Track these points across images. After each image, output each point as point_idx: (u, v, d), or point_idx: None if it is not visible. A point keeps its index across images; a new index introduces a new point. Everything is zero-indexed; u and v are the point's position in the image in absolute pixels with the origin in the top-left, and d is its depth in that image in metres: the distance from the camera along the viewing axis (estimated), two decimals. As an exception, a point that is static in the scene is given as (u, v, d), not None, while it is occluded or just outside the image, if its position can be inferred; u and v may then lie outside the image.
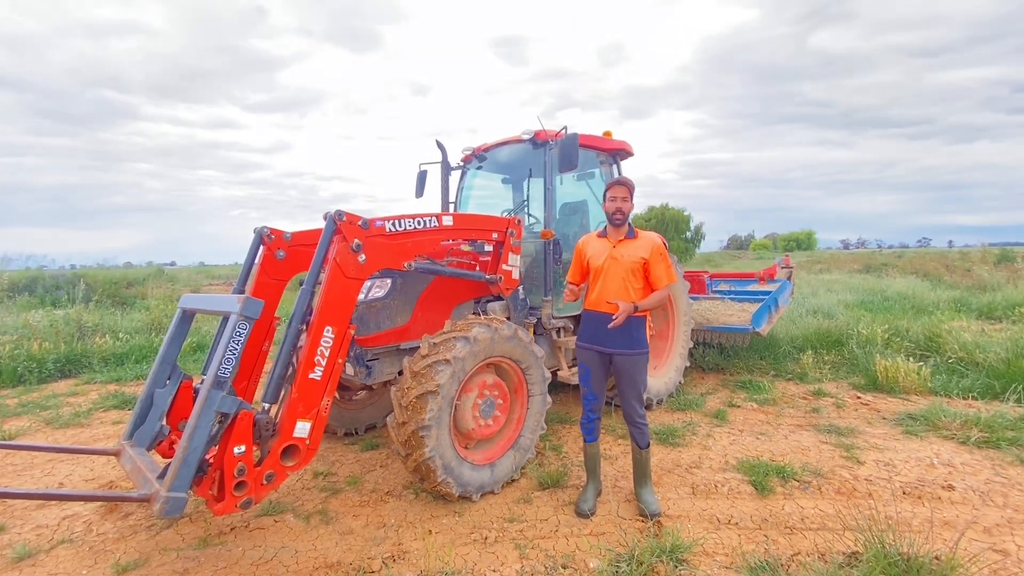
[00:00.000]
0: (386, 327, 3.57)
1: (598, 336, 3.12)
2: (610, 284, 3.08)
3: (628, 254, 3.05)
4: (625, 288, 3.04)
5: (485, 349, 3.27)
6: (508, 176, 5.60)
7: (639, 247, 3.05)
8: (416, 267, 3.31)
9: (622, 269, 3.04)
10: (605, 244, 3.16)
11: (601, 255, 3.14)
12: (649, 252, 3.01)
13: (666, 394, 5.19)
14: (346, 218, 2.92)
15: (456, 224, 3.59)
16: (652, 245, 3.03)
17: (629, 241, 3.11)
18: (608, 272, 3.10)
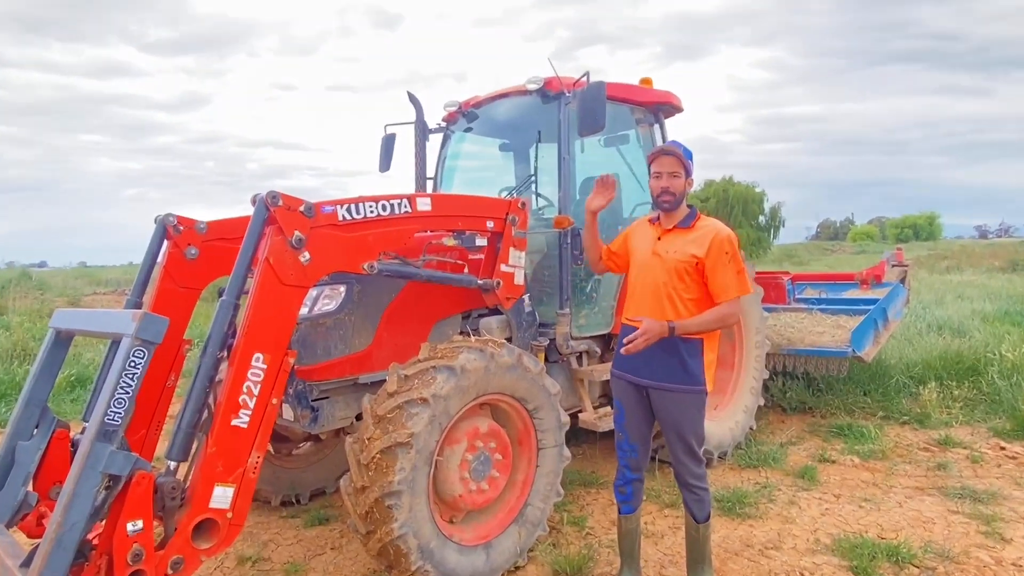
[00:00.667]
0: (338, 353, 3.59)
1: (634, 361, 3.13)
2: (645, 290, 3.11)
3: (676, 249, 3.05)
4: (665, 297, 3.04)
5: (477, 383, 3.28)
6: (508, 141, 5.66)
7: (693, 240, 3.03)
8: (381, 269, 3.33)
9: (664, 271, 3.04)
10: (652, 234, 3.19)
11: (644, 248, 3.16)
12: (706, 248, 2.98)
13: (732, 445, 5.21)
14: (283, 202, 2.93)
15: (436, 209, 3.62)
16: (713, 238, 3.01)
17: (681, 232, 3.11)
18: (646, 273, 3.12)
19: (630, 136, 5.28)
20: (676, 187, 3.06)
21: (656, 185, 3.09)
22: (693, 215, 3.14)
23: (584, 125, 3.91)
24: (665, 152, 3.09)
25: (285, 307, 2.95)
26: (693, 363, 3.06)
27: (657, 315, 3.05)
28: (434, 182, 5.40)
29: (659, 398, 3.09)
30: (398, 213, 3.44)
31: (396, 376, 3.19)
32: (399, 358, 3.73)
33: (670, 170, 3.07)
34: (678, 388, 3.04)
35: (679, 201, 3.10)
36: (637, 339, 2.88)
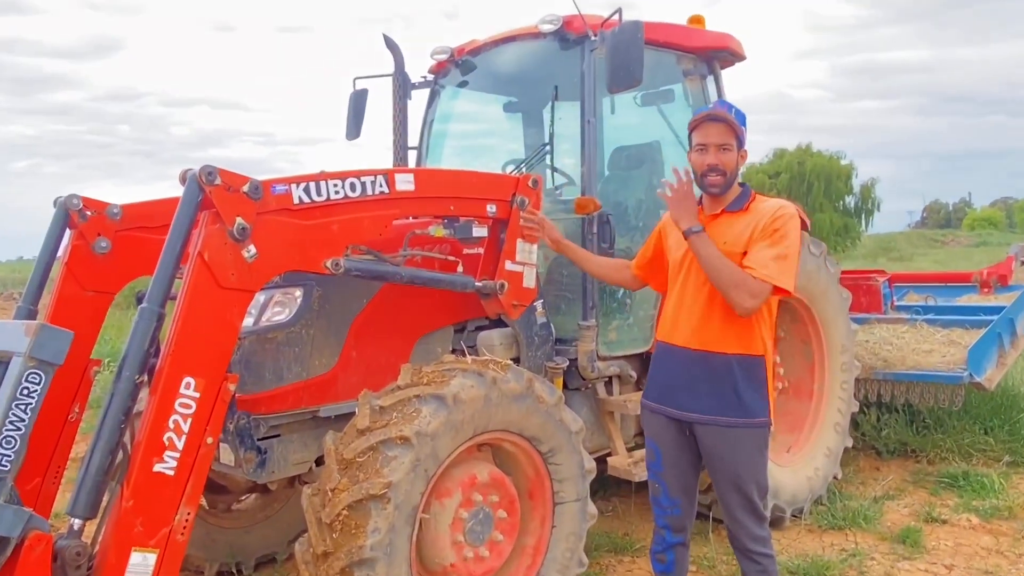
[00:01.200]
0: (293, 377, 3.61)
1: (672, 389, 3.16)
2: (690, 303, 3.13)
3: (728, 239, 3.07)
4: (707, 303, 3.08)
5: (475, 418, 3.30)
6: (514, 100, 5.68)
7: (751, 226, 3.06)
8: (349, 268, 3.35)
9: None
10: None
11: (682, 243, 3.17)
12: (757, 227, 3.03)
13: (809, 499, 5.22)
14: (221, 180, 2.95)
15: (422, 188, 3.64)
16: (769, 215, 3.04)
17: (732, 217, 3.12)
18: (687, 276, 3.15)
19: (675, 92, 5.31)
20: (727, 163, 3.08)
21: (700, 161, 3.11)
22: (747, 194, 3.16)
23: (615, 78, 3.94)
24: (712, 118, 3.09)
25: (224, 317, 2.94)
26: (752, 390, 3.07)
27: (701, 331, 3.09)
28: (418, 153, 5.43)
29: (708, 436, 3.11)
30: (372, 194, 3.45)
31: (369, 408, 3.20)
32: (372, 384, 3.70)
33: (719, 141, 3.07)
34: (734, 422, 3.06)
35: (731, 182, 3.12)
36: (678, 191, 3.06)
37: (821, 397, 5.47)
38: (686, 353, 3.12)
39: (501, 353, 4.11)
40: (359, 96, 5.32)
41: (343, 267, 3.33)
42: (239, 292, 3.00)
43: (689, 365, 3.10)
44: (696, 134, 3.13)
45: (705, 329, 3.08)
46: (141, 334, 2.81)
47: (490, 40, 5.04)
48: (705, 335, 3.08)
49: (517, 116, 5.75)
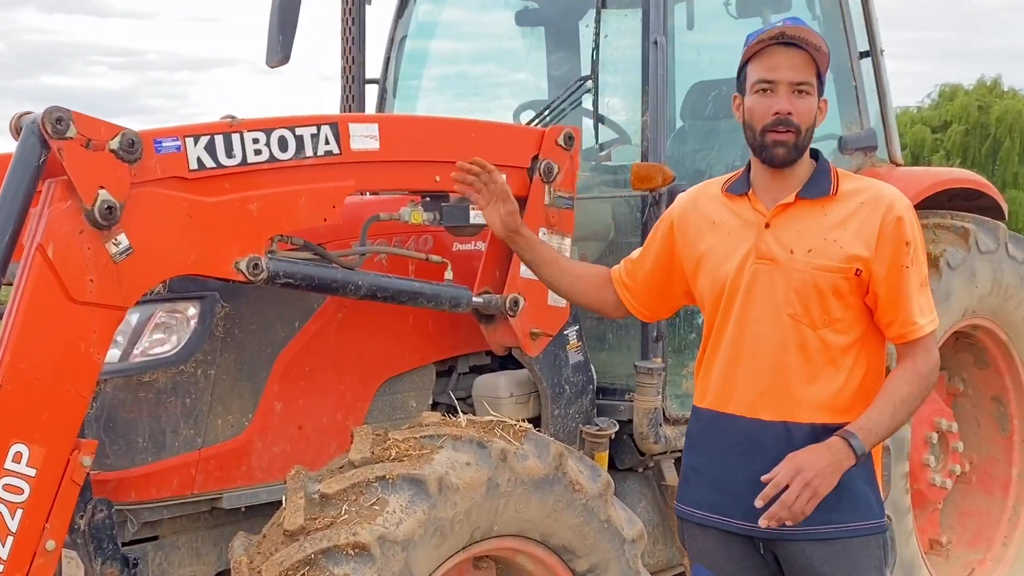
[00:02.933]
0: (181, 445, 3.63)
1: (732, 486, 3.14)
2: (753, 347, 3.15)
3: (814, 245, 3.09)
4: (803, 357, 3.08)
5: (472, 515, 3.32)
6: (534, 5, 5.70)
7: (845, 222, 3.11)
8: (275, 271, 3.38)
9: (796, 293, 3.10)
10: (744, 219, 3.22)
11: (732, 253, 3.20)
12: (875, 239, 3.06)
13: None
14: (77, 130, 2.97)
15: (390, 146, 3.67)
16: (884, 216, 3.07)
17: (813, 207, 3.15)
18: (751, 306, 3.16)
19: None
20: (804, 114, 3.06)
21: (763, 107, 3.07)
22: (827, 170, 3.19)
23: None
24: (788, 40, 3.07)
25: (76, 349, 2.96)
26: (861, 478, 3.09)
27: (780, 391, 3.09)
28: (381, 89, 5.47)
29: (800, 557, 3.11)
30: (312, 156, 3.48)
31: (304, 496, 3.21)
32: (307, 457, 3.73)
33: (795, 78, 3.05)
34: (840, 530, 3.07)
35: (805, 145, 3.12)
36: (796, 495, 2.83)
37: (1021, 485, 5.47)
38: (753, 426, 3.11)
39: (511, 410, 4.11)
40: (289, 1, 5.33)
41: (265, 271, 3.33)
42: (101, 309, 3.01)
43: (758, 446, 3.08)
44: (756, 66, 3.10)
45: (786, 388, 3.08)
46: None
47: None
48: (789, 398, 3.09)
49: (538, 32, 5.77)
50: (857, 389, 3.08)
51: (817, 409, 3.04)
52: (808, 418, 3.03)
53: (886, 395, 3.03)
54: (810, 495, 2.82)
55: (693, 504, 3.25)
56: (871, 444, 2.95)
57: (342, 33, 5.23)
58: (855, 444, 2.89)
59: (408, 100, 5.47)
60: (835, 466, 2.88)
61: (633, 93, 4.68)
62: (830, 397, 3.06)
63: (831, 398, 3.06)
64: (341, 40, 5.24)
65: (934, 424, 5.28)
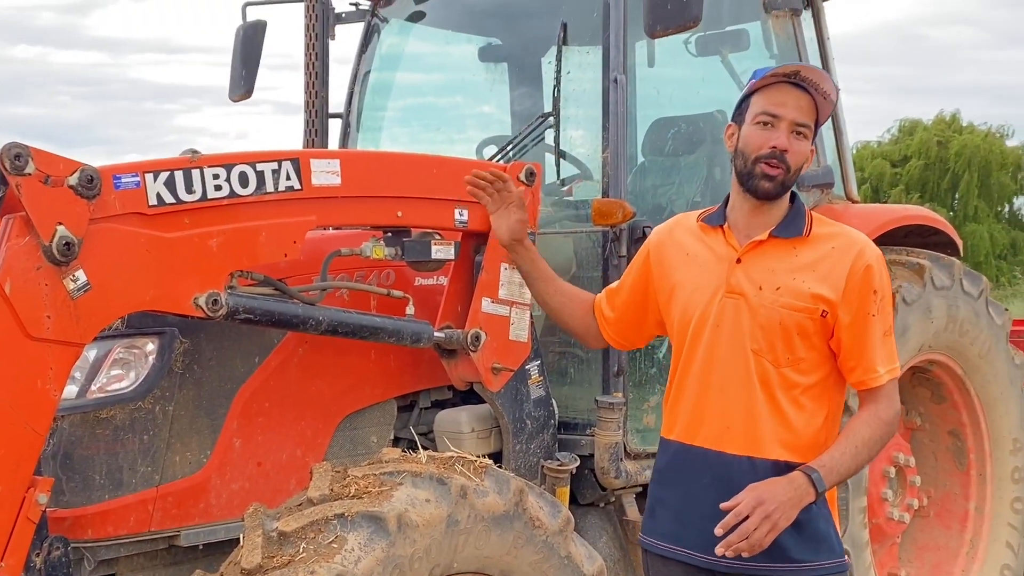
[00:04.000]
0: (139, 483, 3.60)
1: (698, 519, 3.13)
2: (722, 380, 3.17)
3: (783, 284, 3.13)
4: (759, 385, 3.11)
5: (433, 552, 3.30)
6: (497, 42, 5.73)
7: (815, 265, 3.15)
8: (235, 307, 3.37)
9: (755, 328, 3.13)
10: (718, 252, 3.26)
11: (703, 284, 3.24)
12: (842, 284, 3.10)
13: None
14: (35, 166, 2.95)
15: (352, 182, 3.68)
16: (854, 262, 3.11)
17: (785, 247, 3.18)
18: (719, 339, 3.18)
19: (749, 35, 5.41)
20: (797, 155, 3.11)
21: (760, 139, 3.10)
22: (801, 213, 3.23)
23: (659, 14, 4.00)
24: (798, 81, 3.12)
25: (32, 386, 2.93)
26: (817, 514, 3.10)
27: (745, 425, 3.11)
28: (344, 124, 5.47)
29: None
30: (273, 191, 3.47)
31: (262, 533, 3.19)
32: (265, 494, 3.71)
33: (799, 119, 3.10)
34: (803, 569, 3.08)
35: (790, 185, 3.17)
36: (755, 526, 2.84)
37: (981, 524, 5.51)
38: (719, 460, 3.14)
39: (472, 445, 4.10)
40: (252, 31, 5.33)
41: (225, 306, 3.32)
42: (58, 346, 2.99)
43: (724, 480, 3.09)
44: (762, 98, 3.14)
45: (751, 422, 3.11)
46: None
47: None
48: (753, 432, 3.11)
49: (501, 67, 5.78)
50: (819, 429, 3.11)
51: (781, 446, 3.07)
52: (772, 454, 3.06)
53: (848, 436, 3.06)
54: (769, 527, 2.83)
55: (657, 536, 3.26)
56: (832, 482, 2.99)
57: (306, 68, 5.24)
58: (816, 480, 2.92)
59: (372, 134, 5.48)
60: (795, 500, 2.89)
61: (594, 128, 4.70)
62: (793, 435, 3.08)
63: (794, 436, 3.08)
64: (305, 75, 5.25)
65: (892, 458, 5.30)
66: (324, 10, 5.24)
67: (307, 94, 5.28)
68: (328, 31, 5.29)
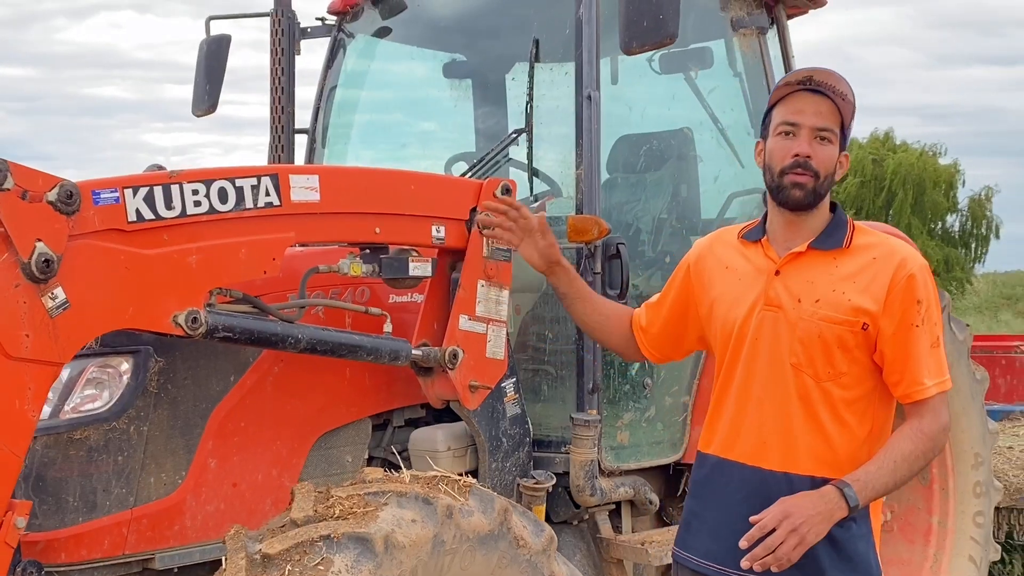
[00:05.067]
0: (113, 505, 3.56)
1: (733, 534, 3.05)
2: (760, 394, 3.15)
3: (822, 296, 3.10)
4: (797, 400, 3.09)
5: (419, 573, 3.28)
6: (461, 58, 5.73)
7: (853, 277, 3.11)
8: (214, 325, 3.35)
9: (795, 342, 3.12)
10: (757, 265, 3.25)
11: (742, 297, 3.22)
12: (883, 295, 3.06)
13: None
14: (13, 182, 2.93)
15: (331, 198, 3.68)
16: (895, 273, 3.07)
17: (825, 259, 3.16)
18: (758, 352, 3.17)
19: (712, 53, 5.44)
20: (824, 161, 3.08)
21: (783, 149, 3.09)
22: (843, 224, 3.20)
23: (636, 31, 4.00)
24: (815, 87, 3.09)
25: (11, 407, 2.91)
26: (857, 535, 3.08)
27: (782, 440, 3.09)
28: (310, 139, 5.44)
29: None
30: (253, 207, 3.46)
31: (245, 556, 3.14)
32: (241, 514, 3.68)
33: (819, 124, 3.07)
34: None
35: (821, 192, 3.13)
36: (781, 540, 2.80)
37: (944, 538, 5.54)
38: (757, 476, 3.12)
39: (448, 463, 4.08)
40: (216, 45, 5.31)
41: (204, 324, 3.30)
42: (37, 365, 2.97)
43: (760, 496, 3.04)
44: (782, 109, 3.12)
45: (788, 438, 3.08)
46: None
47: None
48: (790, 447, 3.09)
49: (465, 84, 5.78)
50: (861, 445, 3.06)
51: (818, 462, 3.03)
52: (809, 470, 3.02)
53: (888, 450, 3.00)
54: (797, 541, 2.78)
55: (691, 550, 3.24)
56: (866, 498, 2.91)
57: (271, 83, 5.22)
58: (848, 494, 2.85)
59: (338, 148, 5.48)
60: (825, 515, 2.84)
61: (563, 145, 4.72)
62: (832, 451, 3.05)
63: (832, 452, 3.04)
64: (271, 90, 5.23)
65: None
66: (290, 25, 5.23)
67: (273, 110, 5.27)
68: (294, 46, 5.28)
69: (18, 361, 2.92)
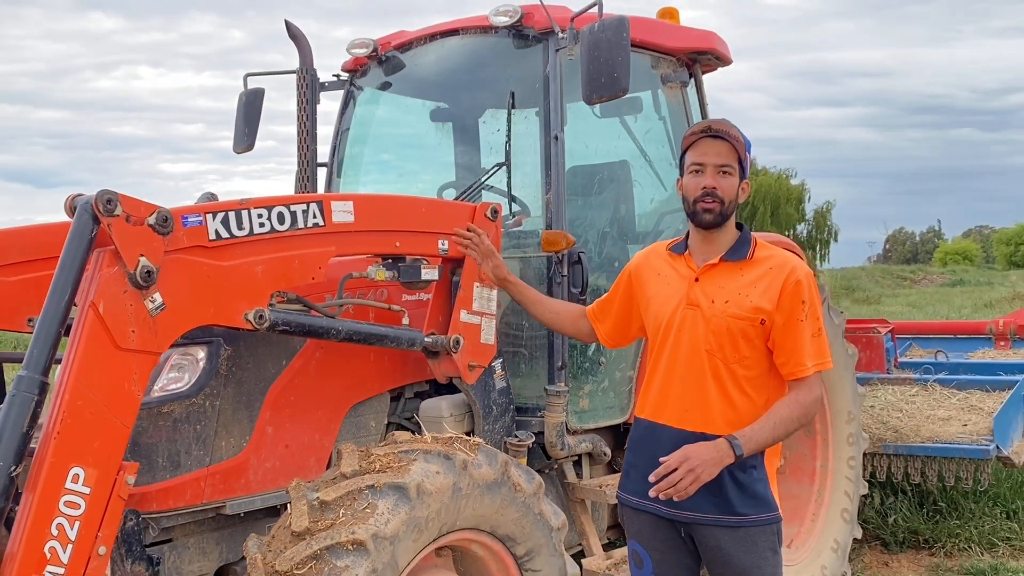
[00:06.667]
0: (193, 464, 3.54)
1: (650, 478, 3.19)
2: (683, 373, 3.22)
3: (730, 298, 3.19)
4: (711, 377, 3.18)
5: (441, 514, 3.29)
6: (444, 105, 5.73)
7: (755, 283, 3.20)
8: (275, 321, 3.35)
9: (709, 333, 3.18)
10: (681, 273, 3.32)
11: (668, 297, 3.30)
12: (776, 297, 3.15)
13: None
14: (122, 209, 2.91)
15: (362, 219, 3.67)
16: (786, 281, 3.18)
17: (734, 269, 3.25)
18: (681, 341, 3.24)
19: (644, 101, 5.45)
20: (726, 189, 3.19)
21: (694, 184, 3.21)
22: (748, 241, 3.31)
23: (595, 85, 4.03)
24: (714, 133, 3.21)
25: (122, 388, 2.91)
26: (760, 480, 3.19)
27: (699, 408, 3.18)
28: (329, 171, 5.43)
29: (714, 539, 3.17)
30: (304, 227, 3.47)
31: (307, 503, 3.13)
32: (291, 470, 3.69)
33: (720, 162, 3.19)
34: (744, 519, 3.15)
35: (727, 214, 3.23)
36: (680, 477, 2.93)
37: (826, 478, 5.63)
38: (680, 435, 3.17)
39: (452, 426, 4.12)
40: (253, 97, 5.29)
41: (268, 320, 3.31)
42: (141, 354, 2.97)
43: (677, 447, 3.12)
44: (691, 153, 3.24)
45: (705, 406, 3.17)
46: (17, 412, 2.71)
47: (424, 33, 5.09)
48: (705, 414, 3.17)
49: (447, 126, 5.78)
50: (759, 411, 3.16)
51: (727, 424, 3.11)
52: (720, 431, 3.09)
53: (770, 414, 3.12)
54: (692, 479, 2.91)
55: (631, 493, 3.31)
56: (750, 449, 3.03)
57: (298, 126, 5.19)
58: (735, 445, 3.00)
59: (350, 178, 5.47)
60: (716, 460, 2.97)
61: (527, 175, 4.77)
62: (737, 416, 3.13)
63: (738, 417, 3.13)
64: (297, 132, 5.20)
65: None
66: (312, 80, 5.20)
67: (299, 147, 5.24)
68: (315, 97, 5.25)
69: (126, 351, 2.92)
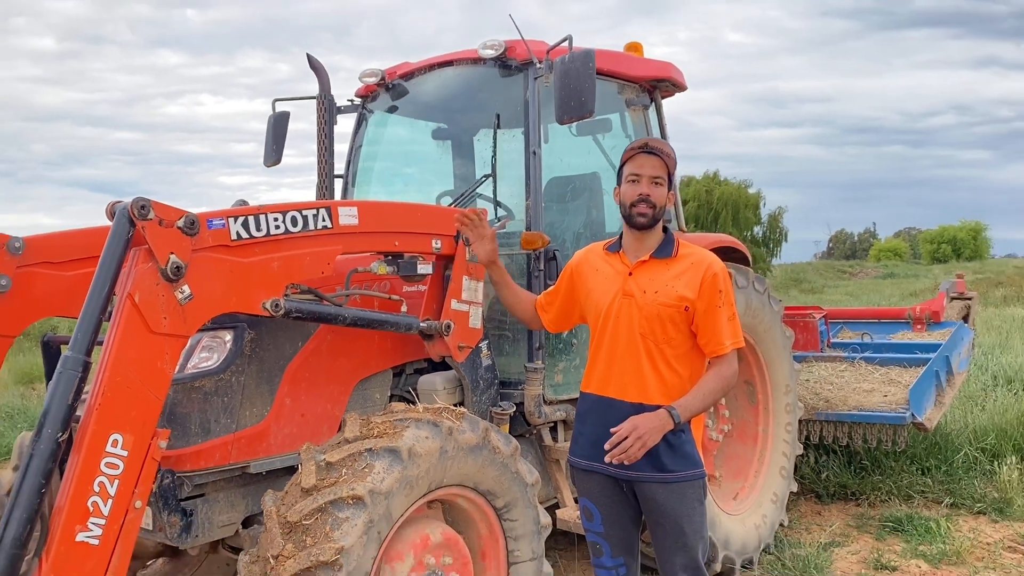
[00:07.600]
0: (221, 431, 3.53)
1: (603, 445, 3.20)
2: (621, 353, 3.24)
3: (658, 289, 3.22)
4: (644, 356, 3.21)
5: (430, 473, 3.29)
6: (444, 126, 5.71)
7: (679, 276, 3.24)
8: (289, 309, 3.35)
9: (642, 319, 3.21)
10: (616, 269, 3.34)
11: (607, 289, 3.31)
12: (697, 287, 3.20)
13: (758, 549, 5.33)
14: (155, 214, 2.90)
15: (366, 222, 3.66)
16: (705, 274, 3.22)
17: (660, 264, 3.28)
18: (619, 326, 3.26)
19: (613, 122, 5.43)
20: (658, 197, 3.23)
21: (631, 191, 3.24)
22: (672, 241, 3.33)
23: (566, 108, 4.02)
24: (648, 150, 3.24)
25: (155, 366, 2.92)
26: (684, 440, 3.22)
27: (636, 382, 3.21)
28: (344, 182, 5.40)
29: (651, 492, 3.19)
30: (314, 228, 3.47)
31: (315, 463, 3.14)
32: (307, 435, 3.69)
33: (653, 173, 3.23)
34: (675, 476, 3.18)
35: (658, 218, 3.28)
36: (630, 444, 3.02)
37: (766, 440, 5.62)
38: (622, 406, 3.20)
39: (444, 398, 4.10)
40: (280, 119, 5.29)
41: (283, 308, 3.31)
42: (172, 338, 2.97)
43: (623, 418, 3.14)
44: (629, 165, 3.27)
45: (641, 381, 3.21)
46: (64, 386, 2.71)
47: (424, 64, 5.07)
48: (642, 387, 3.20)
49: (447, 143, 5.77)
50: (685, 384, 3.23)
51: (660, 395, 3.18)
52: (655, 400, 3.16)
53: (699, 387, 3.20)
54: (640, 445, 3.01)
55: (581, 456, 3.32)
56: (685, 417, 3.13)
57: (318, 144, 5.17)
58: (674, 414, 3.09)
59: (364, 188, 5.44)
60: (659, 428, 3.07)
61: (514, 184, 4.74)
62: (668, 388, 3.19)
63: (668, 389, 3.19)
64: (317, 150, 5.18)
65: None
66: (330, 104, 5.17)
67: (319, 161, 5.21)
68: (333, 119, 5.23)
69: (159, 335, 2.92)
